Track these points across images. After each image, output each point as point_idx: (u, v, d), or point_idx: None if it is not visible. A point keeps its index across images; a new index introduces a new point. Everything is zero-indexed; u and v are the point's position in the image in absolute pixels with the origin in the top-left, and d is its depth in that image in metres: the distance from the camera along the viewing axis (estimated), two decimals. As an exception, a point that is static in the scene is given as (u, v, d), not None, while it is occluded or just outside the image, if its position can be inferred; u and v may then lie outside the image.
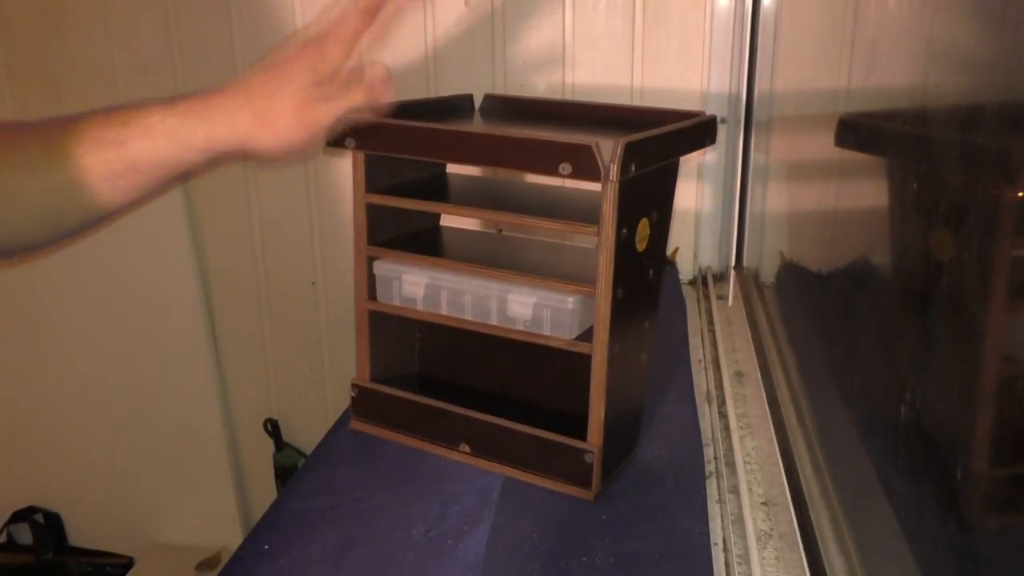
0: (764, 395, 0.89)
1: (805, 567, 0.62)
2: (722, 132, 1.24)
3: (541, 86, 1.29)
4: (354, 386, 0.82)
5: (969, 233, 0.46)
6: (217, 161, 0.63)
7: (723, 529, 0.69)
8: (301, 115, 0.63)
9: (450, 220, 0.86)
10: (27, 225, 0.60)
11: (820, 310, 0.85)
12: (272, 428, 1.56)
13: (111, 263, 1.49)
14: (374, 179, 0.77)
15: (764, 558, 0.65)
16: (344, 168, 1.05)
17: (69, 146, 0.58)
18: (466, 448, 0.76)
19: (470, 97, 0.89)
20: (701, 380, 0.95)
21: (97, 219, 0.62)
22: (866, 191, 0.71)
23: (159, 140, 0.60)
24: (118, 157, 0.59)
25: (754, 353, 1.00)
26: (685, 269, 1.33)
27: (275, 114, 0.62)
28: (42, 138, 0.59)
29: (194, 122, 0.60)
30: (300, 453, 1.57)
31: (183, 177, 0.63)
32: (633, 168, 0.64)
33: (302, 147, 0.66)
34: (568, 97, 1.27)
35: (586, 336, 0.71)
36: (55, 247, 0.62)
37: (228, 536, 1.58)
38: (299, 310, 1.50)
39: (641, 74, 1.26)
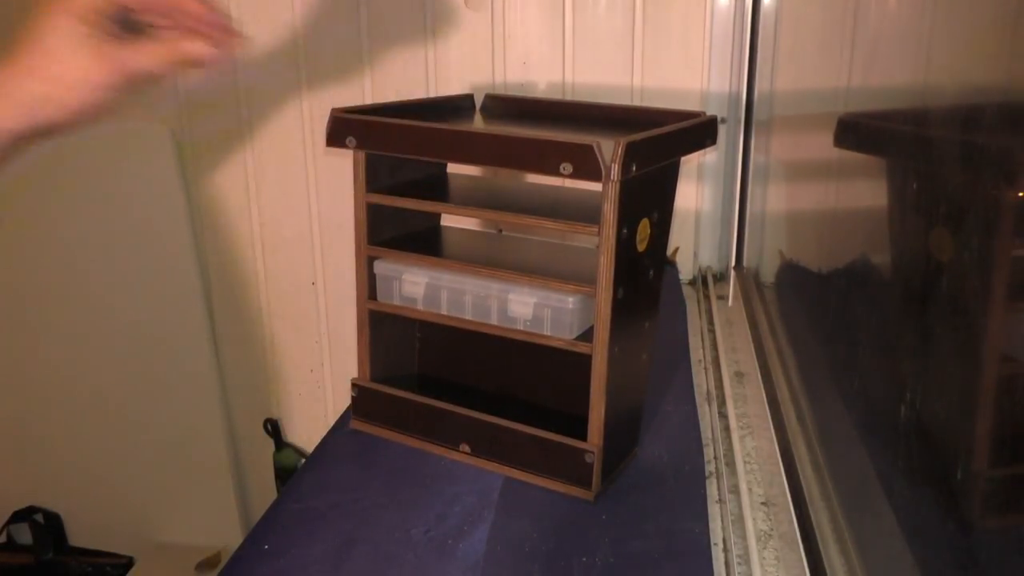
0: (764, 395, 0.89)
1: (805, 567, 0.62)
2: (722, 132, 1.24)
3: (541, 86, 1.29)
4: (354, 386, 0.82)
5: (969, 233, 0.46)
6: (22, 147, 0.52)
7: (723, 529, 0.69)
8: (94, 60, 0.52)
9: (450, 220, 0.86)
10: None
11: (820, 310, 0.85)
12: (272, 428, 1.56)
13: (111, 263, 1.49)
14: (374, 178, 0.77)
15: (764, 558, 0.65)
16: (344, 168, 1.05)
17: None
18: (466, 448, 0.76)
19: (471, 97, 0.89)
20: (701, 380, 0.95)
21: None
22: (865, 191, 0.71)
23: None
24: None
25: (754, 353, 1.00)
26: (685, 269, 1.33)
27: (57, 66, 0.51)
28: None
29: None
30: (300, 453, 1.57)
31: None
32: (634, 168, 0.64)
33: (106, 99, 0.54)
34: (568, 97, 1.27)
35: (586, 336, 0.71)
36: None
37: (228, 536, 1.58)
38: (299, 310, 1.50)
39: (641, 74, 1.26)
